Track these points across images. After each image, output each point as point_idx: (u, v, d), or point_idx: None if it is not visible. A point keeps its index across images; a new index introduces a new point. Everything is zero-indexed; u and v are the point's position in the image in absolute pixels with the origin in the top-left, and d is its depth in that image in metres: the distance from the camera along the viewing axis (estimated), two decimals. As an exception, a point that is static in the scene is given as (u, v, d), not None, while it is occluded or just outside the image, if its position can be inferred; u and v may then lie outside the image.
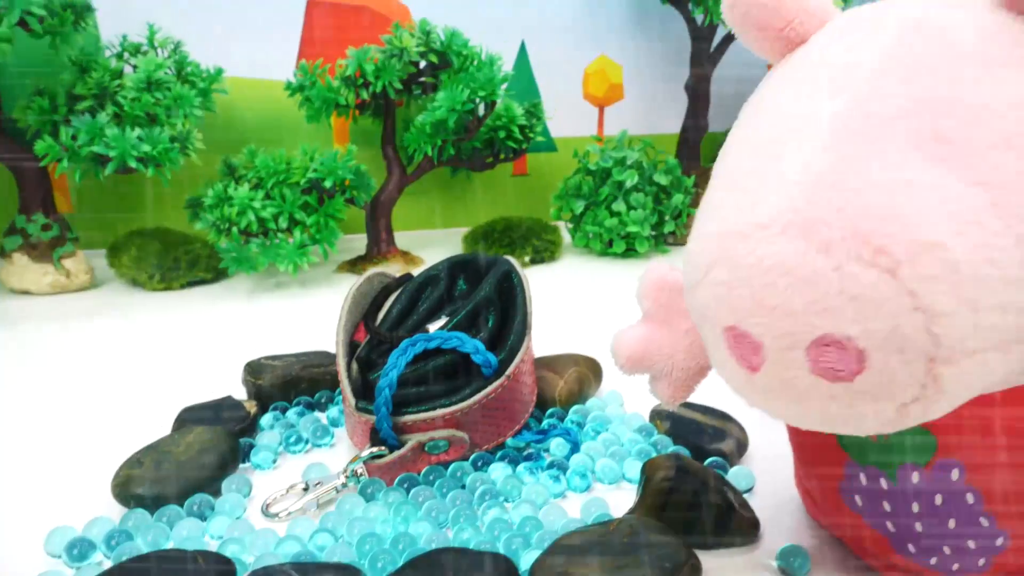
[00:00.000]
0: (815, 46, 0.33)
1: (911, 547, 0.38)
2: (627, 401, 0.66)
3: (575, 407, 0.63)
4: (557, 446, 0.57)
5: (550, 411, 0.63)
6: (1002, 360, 0.25)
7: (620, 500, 0.51)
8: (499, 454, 0.56)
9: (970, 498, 0.34)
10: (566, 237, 1.35)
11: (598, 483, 0.54)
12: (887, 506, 0.37)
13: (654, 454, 0.55)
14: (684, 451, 0.56)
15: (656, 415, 0.60)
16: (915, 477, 0.35)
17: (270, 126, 1.32)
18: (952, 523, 0.35)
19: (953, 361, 0.24)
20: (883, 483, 0.37)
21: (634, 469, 0.53)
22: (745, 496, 0.50)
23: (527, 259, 1.22)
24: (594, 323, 0.45)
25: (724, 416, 0.59)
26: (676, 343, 0.43)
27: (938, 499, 0.35)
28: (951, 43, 0.28)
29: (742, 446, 0.57)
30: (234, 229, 1.01)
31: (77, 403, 0.69)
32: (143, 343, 0.85)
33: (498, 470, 0.54)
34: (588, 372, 0.67)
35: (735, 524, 0.46)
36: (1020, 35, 0.27)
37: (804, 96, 0.30)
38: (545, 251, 1.24)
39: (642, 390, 0.65)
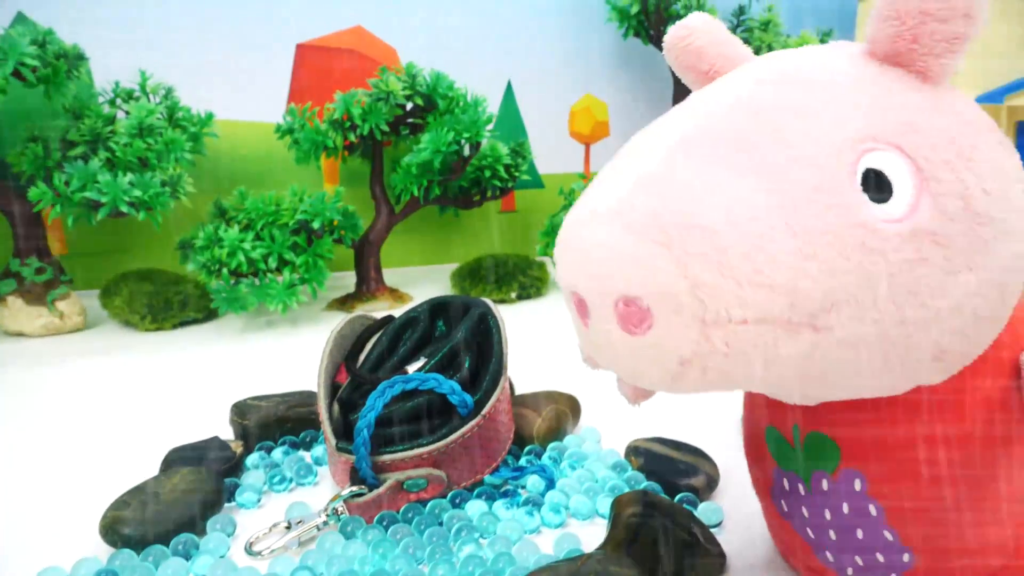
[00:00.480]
0: (708, 85, 0.37)
1: (828, 554, 0.40)
2: (604, 437, 0.67)
3: (553, 444, 0.64)
4: (533, 483, 0.58)
5: (528, 448, 0.64)
6: (788, 339, 0.29)
7: (593, 535, 0.52)
8: (476, 491, 0.58)
9: (872, 510, 0.37)
10: (553, 273, 1.37)
11: (572, 518, 0.55)
12: (805, 512, 0.40)
13: (627, 490, 0.56)
14: (656, 487, 0.57)
15: (631, 451, 0.61)
16: (824, 484, 0.38)
17: (261, 167, 1.34)
18: (860, 533, 0.38)
19: (722, 326, 0.28)
20: (801, 489, 0.40)
21: (607, 505, 0.54)
22: (714, 531, 0.51)
23: (513, 295, 1.23)
24: (576, 360, 0.47)
25: (697, 452, 0.60)
26: None
27: (845, 508, 0.38)
28: (795, 88, 0.32)
29: (713, 481, 0.58)
30: (224, 270, 1.03)
31: (68, 444, 0.70)
32: (134, 384, 0.87)
33: (475, 507, 0.55)
34: (566, 409, 0.68)
35: (702, 559, 0.47)
36: (866, 75, 0.32)
37: (669, 118, 0.35)
38: (531, 287, 1.26)
39: (619, 427, 0.67)
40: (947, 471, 0.35)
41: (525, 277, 1.25)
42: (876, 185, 0.29)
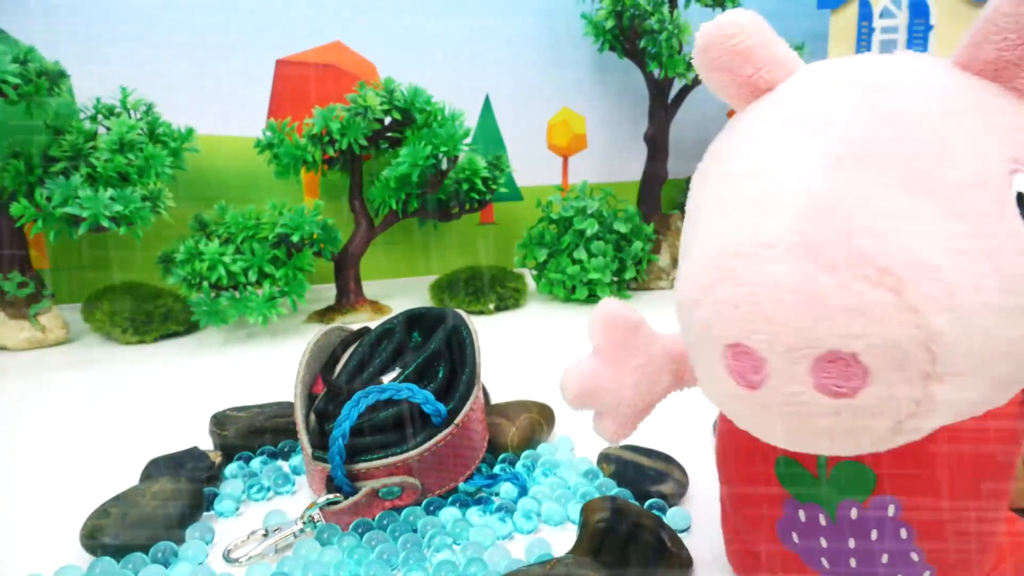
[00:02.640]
0: (785, 94, 0.35)
1: None
2: (577, 446, 0.69)
3: (526, 452, 0.66)
4: (506, 490, 0.59)
5: (502, 456, 0.65)
6: (980, 384, 0.27)
7: (564, 541, 0.53)
8: (451, 498, 0.59)
9: (903, 533, 0.36)
10: (531, 284, 1.38)
11: (544, 525, 0.57)
12: (824, 542, 0.38)
13: (598, 496, 0.57)
14: (627, 493, 0.58)
15: (603, 459, 0.63)
16: (853, 513, 0.37)
17: (242, 181, 1.34)
18: (885, 558, 0.37)
19: (945, 380, 0.26)
20: (821, 519, 0.38)
21: (578, 511, 0.55)
22: (682, 535, 0.52)
23: (491, 307, 1.25)
24: (553, 369, 0.47)
25: (667, 459, 0.62)
26: (625, 379, 0.44)
27: (873, 534, 0.37)
28: (922, 100, 0.30)
29: (682, 488, 0.59)
30: (205, 283, 1.04)
31: (49, 454, 0.71)
32: (116, 396, 0.88)
33: (448, 514, 0.57)
34: (540, 418, 0.69)
35: (668, 563, 0.48)
36: (974, 89, 0.30)
37: (787, 135, 0.31)
38: (510, 298, 1.27)
39: (592, 436, 0.68)
40: (971, 486, 0.35)
41: (503, 288, 1.26)
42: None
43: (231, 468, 0.64)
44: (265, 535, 0.54)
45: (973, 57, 0.31)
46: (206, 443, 0.69)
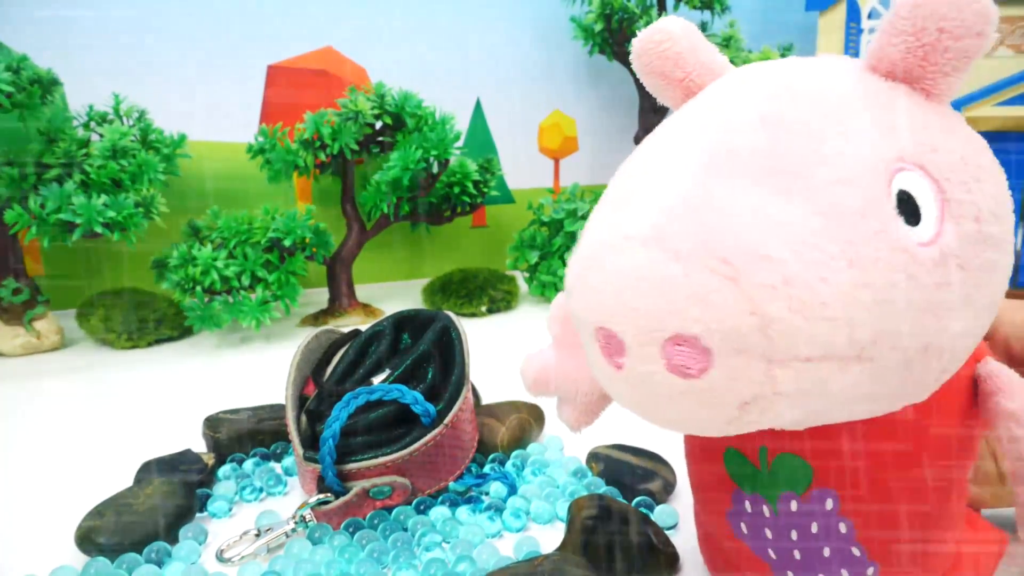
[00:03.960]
0: (700, 98, 0.35)
1: (790, 574, 0.39)
2: (566, 445, 0.69)
3: (516, 452, 0.66)
4: (496, 489, 0.60)
5: (492, 456, 0.66)
6: (839, 374, 0.27)
7: (552, 538, 0.54)
8: (441, 498, 0.60)
9: (843, 528, 0.36)
10: (523, 286, 1.39)
11: (533, 523, 0.57)
12: (769, 533, 0.39)
13: (586, 494, 0.58)
14: (615, 491, 0.59)
15: (591, 458, 0.63)
16: (793, 505, 0.37)
17: (234, 187, 1.35)
18: (827, 551, 0.37)
19: (787, 364, 0.27)
20: (765, 511, 0.38)
21: (566, 509, 0.55)
22: (669, 533, 0.53)
23: (484, 309, 1.25)
24: None
25: (655, 457, 0.62)
26: (580, 369, 0.45)
27: (814, 527, 0.37)
28: (812, 102, 0.31)
29: (669, 486, 0.60)
30: (198, 288, 1.05)
31: (44, 457, 0.71)
32: (110, 400, 0.88)
33: (438, 513, 0.57)
34: (530, 418, 0.70)
35: (655, 560, 0.49)
36: (875, 91, 0.31)
37: (682, 133, 0.33)
38: (502, 301, 1.28)
39: (581, 435, 0.69)
40: (913, 484, 0.35)
41: (495, 291, 1.27)
42: (906, 207, 0.28)
43: (224, 470, 0.65)
44: (257, 535, 0.55)
45: (880, 60, 0.32)
46: (199, 445, 0.69)
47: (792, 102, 0.31)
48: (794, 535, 0.38)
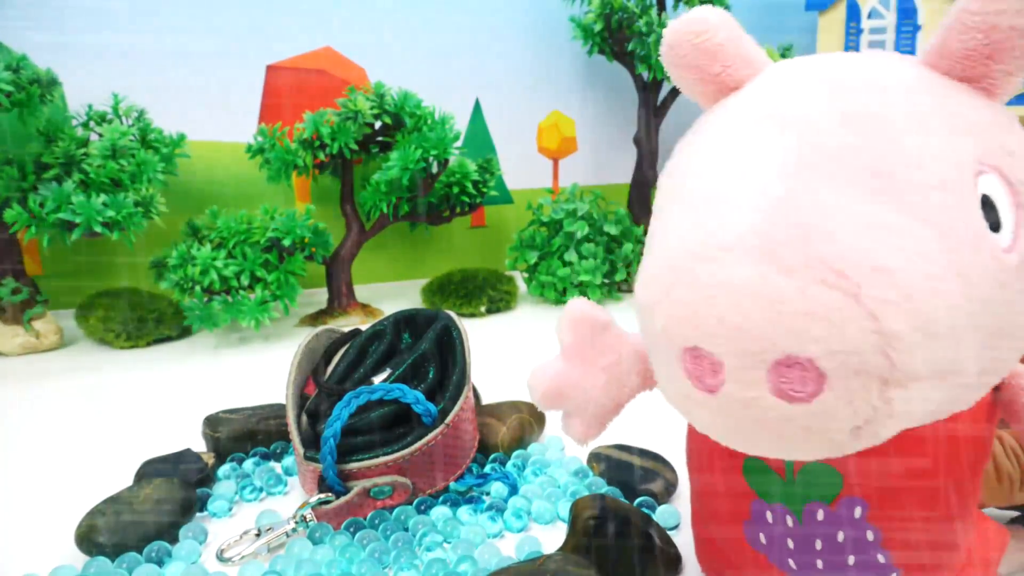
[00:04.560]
0: (752, 93, 0.34)
1: None
2: (567, 446, 0.69)
3: (517, 452, 0.66)
4: (497, 489, 0.60)
5: (493, 456, 0.66)
6: (940, 389, 0.26)
7: (554, 538, 0.54)
8: (441, 498, 0.60)
9: (870, 535, 0.36)
10: (522, 287, 1.39)
11: (534, 523, 0.57)
12: (791, 544, 0.38)
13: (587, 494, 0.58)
14: (616, 491, 0.59)
15: (592, 458, 0.63)
16: (820, 515, 0.36)
17: (233, 187, 1.34)
18: (851, 560, 0.37)
19: (903, 385, 0.25)
20: (789, 521, 0.38)
21: (568, 509, 0.55)
22: (671, 533, 0.53)
23: (483, 309, 1.25)
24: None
25: (656, 458, 0.62)
26: (594, 379, 0.44)
27: (840, 536, 0.36)
28: (888, 100, 0.30)
29: (671, 486, 0.60)
30: (197, 288, 1.04)
31: (44, 457, 0.71)
32: (109, 400, 0.88)
33: (439, 513, 0.57)
34: (530, 418, 0.70)
35: (657, 560, 0.49)
36: (942, 88, 0.30)
37: (749, 135, 0.31)
38: (501, 301, 1.27)
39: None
40: (939, 488, 0.35)
41: (494, 291, 1.27)
42: (988, 212, 0.27)
43: (224, 469, 0.65)
44: (258, 535, 0.55)
45: (941, 56, 0.31)
46: (199, 445, 0.69)
47: (866, 98, 0.30)
48: (818, 544, 0.37)
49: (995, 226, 0.27)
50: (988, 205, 0.27)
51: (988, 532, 0.40)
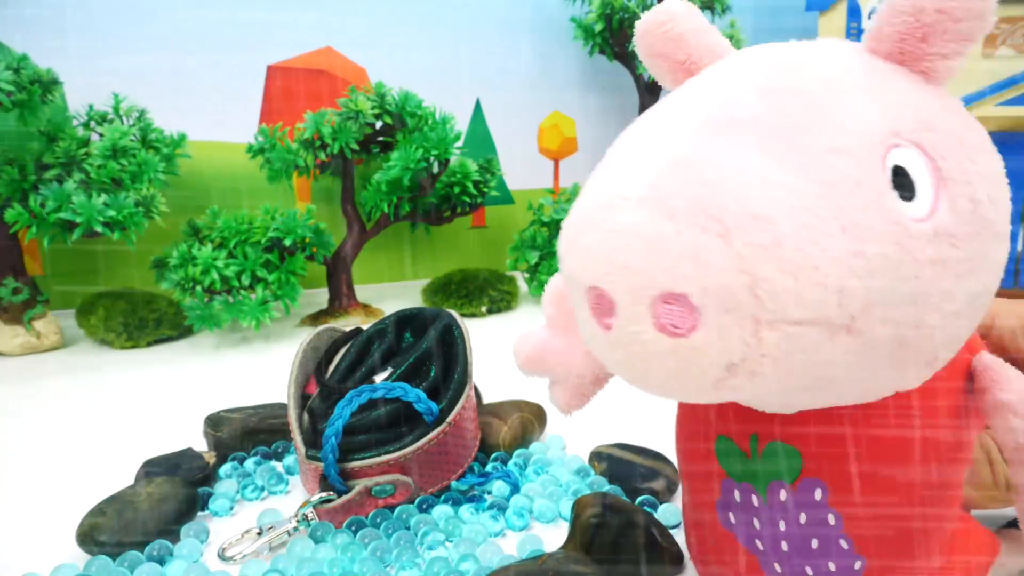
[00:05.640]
0: (704, 73, 0.35)
1: (778, 566, 0.39)
2: (568, 444, 0.69)
3: (518, 451, 0.66)
4: (498, 488, 0.60)
5: (494, 455, 0.66)
6: (827, 342, 0.27)
7: (556, 537, 0.54)
8: (443, 496, 0.60)
9: (831, 519, 0.36)
10: (523, 287, 1.39)
11: (536, 522, 0.57)
12: (757, 523, 0.39)
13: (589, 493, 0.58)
14: (618, 490, 0.59)
15: (594, 457, 0.63)
16: (782, 495, 0.37)
17: (234, 187, 1.35)
18: (815, 543, 0.37)
19: (776, 326, 0.26)
20: (755, 500, 0.38)
21: (569, 508, 0.55)
22: (672, 531, 0.53)
23: (484, 309, 1.25)
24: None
25: (658, 456, 0.62)
26: (574, 350, 0.46)
27: (802, 518, 0.37)
28: (813, 77, 0.31)
29: (673, 484, 0.60)
30: (198, 288, 1.04)
31: (45, 456, 0.71)
32: (110, 399, 0.88)
33: (441, 511, 0.57)
34: (532, 418, 0.70)
35: (659, 558, 0.49)
36: (872, 70, 0.31)
37: (680, 103, 0.32)
38: (502, 301, 1.27)
39: (583, 434, 0.69)
40: (903, 478, 0.35)
41: (495, 291, 1.27)
42: (901, 183, 0.28)
43: (225, 468, 0.65)
44: (259, 533, 0.55)
45: (879, 40, 0.31)
46: (200, 444, 0.69)
47: (792, 75, 0.31)
48: (782, 525, 0.38)
49: (908, 196, 0.28)
50: (902, 176, 0.28)
51: (974, 537, 0.40)
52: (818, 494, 0.36)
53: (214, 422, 0.69)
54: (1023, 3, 1.15)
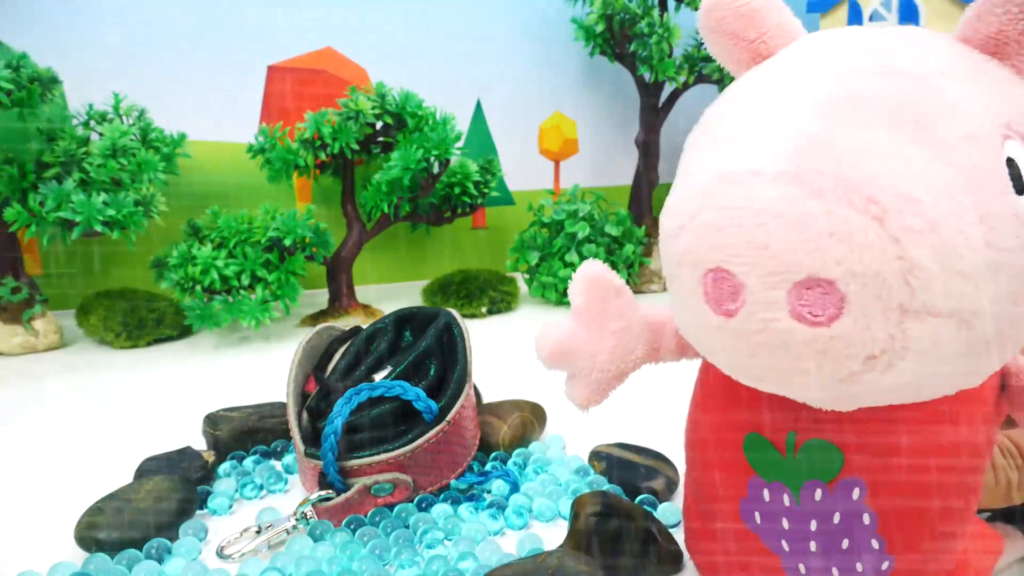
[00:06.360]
0: (786, 57, 0.34)
1: (802, 567, 0.38)
2: (568, 444, 0.69)
3: (518, 450, 0.66)
4: (498, 486, 0.60)
5: (494, 454, 0.66)
6: (956, 333, 0.26)
7: (555, 536, 0.54)
8: (442, 495, 0.59)
9: (866, 519, 0.35)
10: (523, 288, 1.39)
11: (535, 520, 0.57)
12: (786, 524, 0.38)
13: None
14: (618, 489, 0.59)
15: (594, 456, 0.63)
16: (818, 495, 0.36)
17: (234, 186, 1.35)
18: (846, 543, 0.36)
19: (921, 317, 0.25)
20: (786, 500, 0.37)
21: (569, 507, 0.55)
22: (672, 530, 0.53)
23: (484, 310, 1.25)
24: (542, 370, 0.47)
25: (657, 456, 0.62)
26: (601, 343, 0.44)
27: (836, 518, 0.36)
28: (914, 53, 0.30)
29: (672, 484, 0.60)
30: (198, 287, 1.04)
31: (44, 456, 0.71)
32: (109, 399, 0.88)
33: (440, 510, 0.57)
34: (532, 417, 0.70)
35: (658, 556, 0.48)
36: (974, 58, 0.30)
37: (784, 82, 0.31)
38: (502, 301, 1.27)
39: (583, 434, 0.68)
40: (940, 477, 0.34)
41: (495, 292, 1.27)
42: (1013, 175, 0.28)
43: (224, 467, 0.65)
44: (258, 532, 0.54)
45: (975, 31, 0.31)
46: (199, 443, 0.69)
47: (906, 56, 0.30)
48: (814, 525, 0.37)
49: (1019, 189, 0.27)
50: (1013, 168, 0.28)
51: (985, 537, 0.40)
52: (856, 493, 0.35)
53: (213, 421, 0.69)
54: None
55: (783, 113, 0.29)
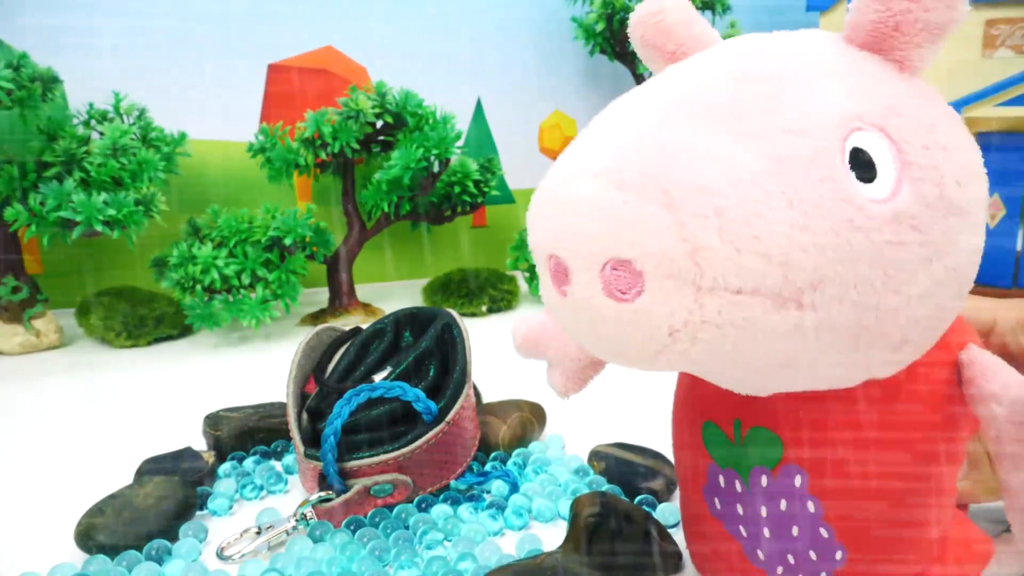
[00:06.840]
0: (676, 65, 0.36)
1: (760, 553, 0.40)
2: (568, 444, 0.69)
3: (518, 450, 0.66)
4: (497, 487, 0.60)
5: (493, 454, 0.66)
6: (773, 314, 0.28)
7: (555, 536, 0.54)
8: (442, 496, 0.60)
9: (811, 507, 0.37)
10: (523, 287, 1.39)
11: (535, 521, 0.57)
12: (740, 510, 0.40)
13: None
14: (617, 490, 0.59)
15: (593, 456, 0.63)
16: (764, 481, 0.38)
17: (235, 186, 1.35)
18: (795, 530, 0.38)
19: (716, 293, 0.27)
20: (737, 486, 0.39)
21: (568, 507, 0.55)
22: (671, 531, 0.53)
23: (484, 309, 1.25)
24: (541, 369, 0.49)
25: (657, 456, 0.62)
26: None
27: (783, 504, 0.37)
28: (783, 63, 0.32)
29: (672, 484, 0.60)
30: (198, 287, 1.04)
31: (44, 455, 0.71)
32: (110, 398, 0.88)
33: (440, 511, 0.57)
34: (531, 417, 0.70)
35: (658, 557, 0.48)
36: (844, 57, 0.32)
37: (654, 87, 0.34)
38: (502, 300, 1.27)
39: (583, 434, 0.68)
40: (885, 469, 0.35)
41: (496, 291, 1.27)
42: (861, 164, 0.29)
43: (224, 468, 0.65)
44: (258, 533, 0.55)
45: (855, 30, 0.32)
46: (200, 444, 0.69)
47: (761, 61, 0.32)
48: (764, 511, 0.39)
49: (868, 178, 0.29)
50: (862, 158, 0.29)
51: (967, 543, 0.40)
52: (798, 480, 0.37)
53: (213, 421, 0.69)
54: (1021, 4, 1.15)
55: (627, 119, 0.32)
